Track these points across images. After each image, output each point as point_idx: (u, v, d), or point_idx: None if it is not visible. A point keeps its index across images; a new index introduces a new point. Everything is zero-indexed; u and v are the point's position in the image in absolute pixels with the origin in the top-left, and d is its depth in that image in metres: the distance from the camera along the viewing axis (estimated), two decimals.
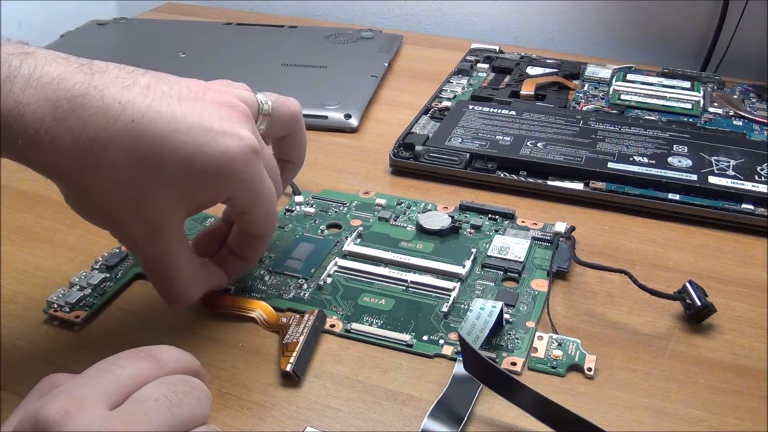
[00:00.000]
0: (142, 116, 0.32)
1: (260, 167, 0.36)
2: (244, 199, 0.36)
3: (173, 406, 0.27)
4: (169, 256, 0.36)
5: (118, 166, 0.32)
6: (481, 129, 0.57)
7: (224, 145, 0.34)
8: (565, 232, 0.46)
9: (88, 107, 0.31)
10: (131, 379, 0.27)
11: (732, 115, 0.63)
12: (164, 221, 0.34)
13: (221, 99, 0.35)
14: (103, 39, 0.79)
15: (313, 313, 0.39)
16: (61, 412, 0.25)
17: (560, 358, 0.37)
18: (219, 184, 0.34)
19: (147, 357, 0.29)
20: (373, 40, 0.78)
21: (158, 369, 0.28)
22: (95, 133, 0.31)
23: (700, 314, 0.40)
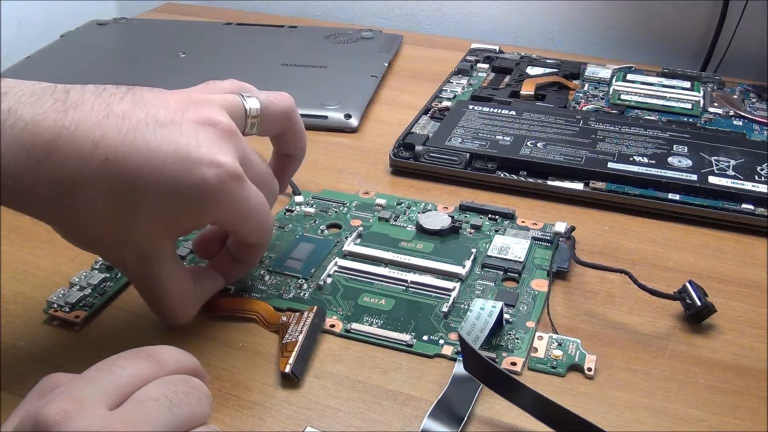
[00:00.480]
0: (116, 152, 0.32)
1: (243, 191, 0.35)
2: (231, 221, 0.36)
3: (173, 406, 0.27)
4: (160, 278, 0.36)
5: (97, 203, 0.32)
6: (481, 129, 0.57)
7: (201, 175, 0.33)
8: (565, 232, 0.46)
9: (61, 150, 0.31)
10: (131, 380, 0.27)
11: (732, 115, 0.63)
12: (151, 248, 0.35)
13: (202, 117, 0.34)
14: (103, 39, 0.79)
15: (312, 310, 0.39)
16: (61, 412, 0.25)
17: (560, 358, 0.37)
18: (201, 212, 0.34)
19: (147, 357, 0.29)
20: (373, 40, 0.78)
21: (158, 369, 0.28)
22: (71, 175, 0.31)
23: (700, 314, 0.40)
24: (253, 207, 0.36)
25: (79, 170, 0.31)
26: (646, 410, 0.35)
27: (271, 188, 0.39)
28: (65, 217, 0.33)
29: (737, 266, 0.45)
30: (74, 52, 0.75)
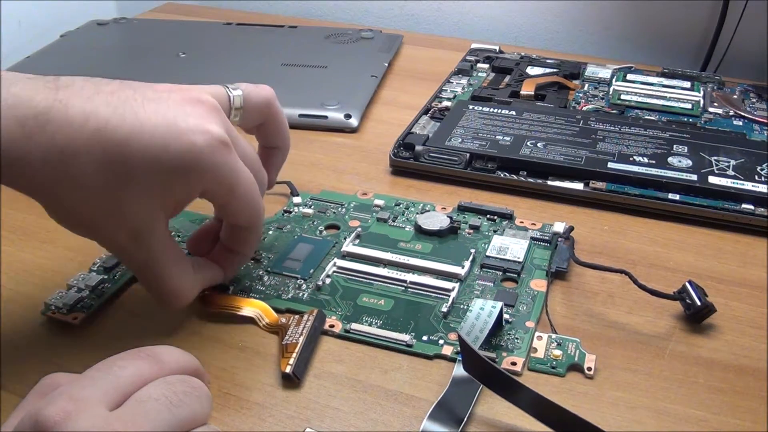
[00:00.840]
0: (106, 123, 0.32)
1: (231, 158, 0.36)
2: (220, 191, 0.36)
3: (173, 407, 0.27)
4: (157, 256, 0.36)
5: (89, 174, 0.33)
6: (481, 129, 0.57)
7: (190, 141, 0.34)
8: (564, 232, 0.46)
9: (53, 122, 0.32)
10: (132, 380, 0.27)
11: (732, 115, 0.63)
12: (144, 223, 0.35)
13: (189, 96, 0.35)
14: (103, 39, 0.79)
15: (312, 313, 0.39)
16: (61, 413, 0.25)
17: (560, 358, 0.37)
18: (190, 179, 0.35)
19: (147, 357, 0.29)
20: (373, 40, 0.78)
21: (159, 369, 0.28)
22: (63, 146, 0.32)
23: (700, 314, 0.40)
24: (242, 178, 0.36)
25: (71, 141, 0.32)
26: (646, 410, 0.35)
27: (259, 171, 0.39)
28: (57, 191, 0.33)
29: (737, 266, 0.45)
30: (74, 52, 0.75)
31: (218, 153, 0.34)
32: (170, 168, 0.34)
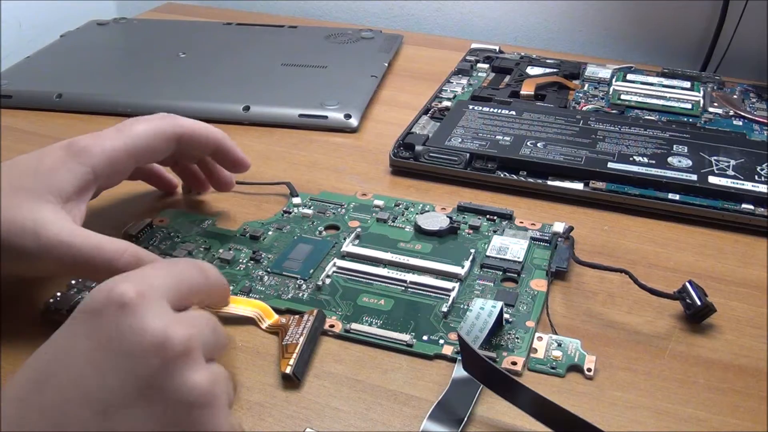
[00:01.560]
0: None
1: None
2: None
3: (215, 331, 0.31)
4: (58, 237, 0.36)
5: None
6: (481, 129, 0.57)
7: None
8: (564, 232, 0.46)
9: None
10: (189, 284, 0.32)
11: (732, 115, 0.63)
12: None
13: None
14: (103, 39, 0.79)
15: (312, 313, 0.39)
16: (135, 292, 0.28)
17: (560, 358, 0.37)
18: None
19: (200, 270, 0.33)
20: (373, 40, 0.78)
21: (205, 281, 0.33)
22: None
23: (700, 314, 0.40)
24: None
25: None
26: (646, 410, 0.35)
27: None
28: None
29: (737, 266, 0.45)
30: (74, 52, 0.75)
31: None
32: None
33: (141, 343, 0.27)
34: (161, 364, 0.27)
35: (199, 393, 0.28)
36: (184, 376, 0.27)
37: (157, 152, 0.42)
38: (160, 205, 0.50)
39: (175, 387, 0.27)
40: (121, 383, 0.27)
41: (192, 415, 0.28)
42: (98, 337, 0.28)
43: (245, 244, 0.45)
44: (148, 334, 0.27)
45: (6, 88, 0.65)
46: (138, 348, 0.27)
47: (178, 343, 0.28)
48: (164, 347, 0.27)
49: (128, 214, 0.48)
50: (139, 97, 0.64)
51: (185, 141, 0.43)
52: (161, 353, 0.27)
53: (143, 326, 0.27)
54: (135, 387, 0.27)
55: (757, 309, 0.41)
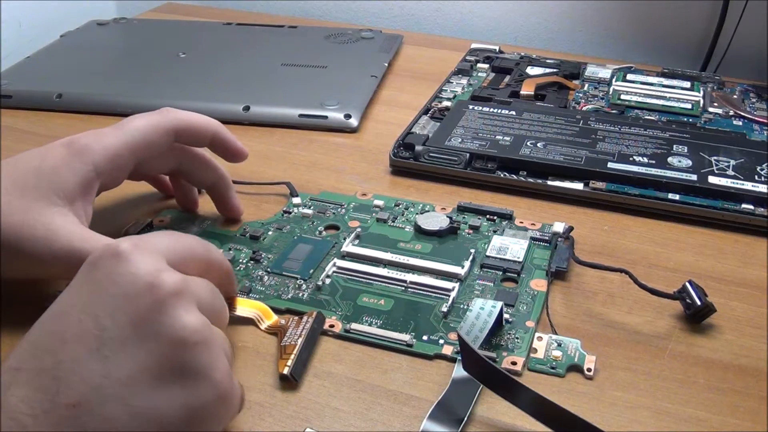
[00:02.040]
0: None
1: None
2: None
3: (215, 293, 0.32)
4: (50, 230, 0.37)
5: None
6: (481, 129, 0.57)
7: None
8: (564, 232, 0.46)
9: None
10: (189, 246, 0.33)
11: (732, 115, 0.63)
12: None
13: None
14: (103, 39, 0.79)
15: (311, 315, 0.39)
16: (133, 245, 0.29)
17: (560, 358, 0.37)
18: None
19: (203, 244, 0.35)
20: (373, 40, 0.78)
21: (206, 254, 0.35)
22: None
23: (700, 314, 0.40)
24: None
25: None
26: (646, 410, 0.35)
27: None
28: None
29: (737, 266, 0.45)
30: (74, 52, 0.75)
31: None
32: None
33: (134, 283, 0.28)
34: (153, 303, 0.28)
35: (191, 330, 0.28)
36: (175, 315, 0.28)
37: (155, 145, 0.42)
38: (161, 205, 0.50)
39: (168, 324, 0.28)
40: (114, 322, 0.27)
41: (185, 352, 0.28)
42: (92, 284, 0.29)
43: (245, 244, 0.45)
44: (140, 276, 0.28)
45: (6, 88, 0.65)
46: (131, 288, 0.28)
47: (170, 283, 0.28)
48: (155, 287, 0.28)
49: (129, 214, 0.48)
50: (139, 97, 0.64)
51: (182, 133, 0.43)
52: (153, 292, 0.28)
53: (136, 270, 0.28)
54: (128, 324, 0.27)
55: (757, 309, 0.41)
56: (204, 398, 0.28)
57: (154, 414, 0.27)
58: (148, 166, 0.44)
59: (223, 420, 0.30)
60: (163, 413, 0.27)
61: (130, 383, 0.27)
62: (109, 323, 0.27)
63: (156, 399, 0.27)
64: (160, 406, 0.27)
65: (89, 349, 0.27)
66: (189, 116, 0.44)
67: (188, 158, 0.45)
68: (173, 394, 0.27)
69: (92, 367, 0.27)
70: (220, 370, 0.29)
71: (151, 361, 0.27)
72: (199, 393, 0.28)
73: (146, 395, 0.27)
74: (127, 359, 0.27)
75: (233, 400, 0.30)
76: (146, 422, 0.27)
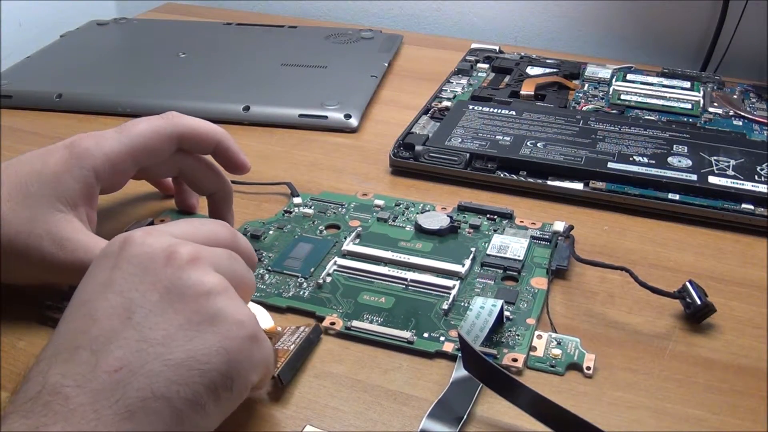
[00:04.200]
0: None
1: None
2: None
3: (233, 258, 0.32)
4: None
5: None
6: (481, 129, 0.57)
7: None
8: (564, 231, 0.46)
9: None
10: (207, 235, 0.33)
11: (732, 115, 0.63)
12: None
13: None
14: (103, 39, 0.79)
15: (310, 325, 0.38)
16: (145, 232, 0.31)
17: (559, 357, 0.37)
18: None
19: (224, 227, 0.34)
20: (373, 40, 0.78)
21: (232, 239, 0.34)
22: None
23: (700, 314, 0.40)
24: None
25: None
26: (646, 410, 0.35)
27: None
28: None
29: (737, 266, 0.45)
30: (74, 52, 0.75)
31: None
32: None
33: (151, 258, 0.29)
34: (173, 271, 0.29)
35: (212, 284, 0.29)
36: (196, 275, 0.29)
37: (157, 152, 0.42)
38: (162, 205, 0.50)
39: (190, 283, 0.29)
40: (140, 293, 0.29)
41: (210, 300, 0.29)
42: (110, 269, 0.30)
43: None
44: (156, 251, 0.30)
45: (6, 88, 0.65)
46: (149, 263, 0.29)
47: (185, 252, 0.30)
48: (172, 257, 0.29)
49: (130, 214, 0.48)
50: (139, 97, 0.64)
51: (186, 139, 0.43)
52: (171, 262, 0.29)
53: (151, 248, 0.30)
54: (153, 292, 0.29)
55: (757, 309, 0.41)
56: (235, 337, 0.29)
57: (193, 362, 0.28)
58: (150, 171, 0.44)
59: (258, 362, 0.30)
60: (201, 359, 0.28)
61: (165, 341, 0.28)
62: (136, 295, 0.29)
63: (192, 348, 0.28)
64: (197, 353, 0.28)
65: (121, 320, 0.28)
66: (194, 123, 0.43)
67: (192, 164, 0.45)
68: (207, 340, 0.28)
69: (127, 335, 0.28)
70: (243, 310, 0.30)
71: (182, 318, 0.29)
72: (230, 333, 0.29)
73: (183, 347, 0.28)
74: (159, 321, 0.28)
75: (261, 339, 0.31)
76: (187, 371, 0.28)
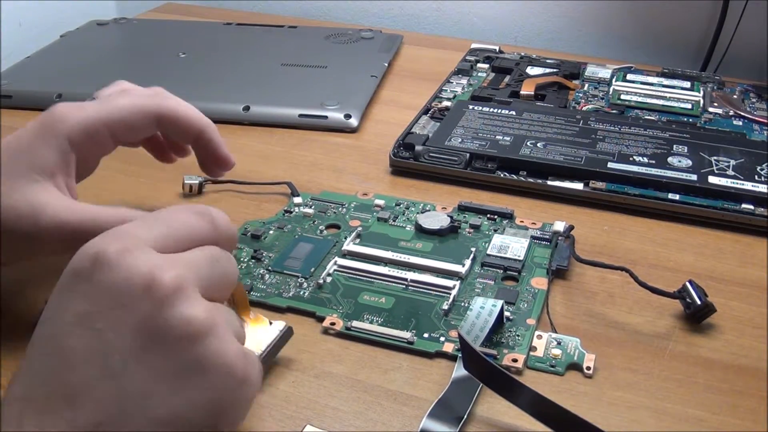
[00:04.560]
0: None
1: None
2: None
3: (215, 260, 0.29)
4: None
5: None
6: (481, 129, 0.57)
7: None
8: (564, 231, 0.46)
9: None
10: (184, 231, 0.29)
11: (732, 115, 0.63)
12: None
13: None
14: (103, 39, 0.79)
15: (283, 326, 0.36)
16: (119, 249, 0.27)
17: (559, 357, 0.37)
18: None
19: (202, 215, 0.30)
20: (373, 40, 0.78)
21: (212, 230, 0.30)
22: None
23: (700, 314, 0.40)
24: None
25: None
26: (646, 410, 0.35)
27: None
28: None
29: (737, 266, 0.45)
30: (74, 52, 0.75)
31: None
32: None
33: (129, 291, 0.26)
34: (152, 306, 0.26)
35: (197, 324, 0.26)
36: (177, 312, 0.26)
37: (136, 130, 0.40)
38: (161, 204, 0.50)
39: (171, 324, 0.26)
40: (117, 334, 0.26)
41: (195, 346, 0.26)
42: (83, 296, 0.26)
43: (246, 243, 0.45)
44: (133, 282, 0.26)
45: (6, 88, 0.65)
46: (126, 297, 0.26)
47: (167, 280, 0.26)
48: (151, 288, 0.26)
49: None
50: None
51: (165, 122, 0.41)
52: (150, 294, 0.26)
53: (128, 275, 0.26)
54: (132, 333, 0.26)
55: (757, 309, 0.41)
56: (224, 387, 0.27)
57: (178, 420, 0.26)
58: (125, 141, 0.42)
59: (247, 402, 0.29)
60: (188, 415, 0.26)
61: (148, 394, 0.26)
62: (112, 336, 0.26)
63: (177, 403, 0.26)
64: (184, 409, 0.26)
65: (98, 367, 0.25)
66: (178, 106, 0.41)
67: (166, 124, 0.42)
68: (193, 392, 0.26)
69: (106, 386, 0.25)
70: (232, 352, 0.27)
71: (164, 365, 0.26)
72: (218, 384, 0.27)
73: (167, 401, 0.26)
74: (139, 370, 0.26)
75: (251, 378, 0.28)
76: (173, 428, 0.26)
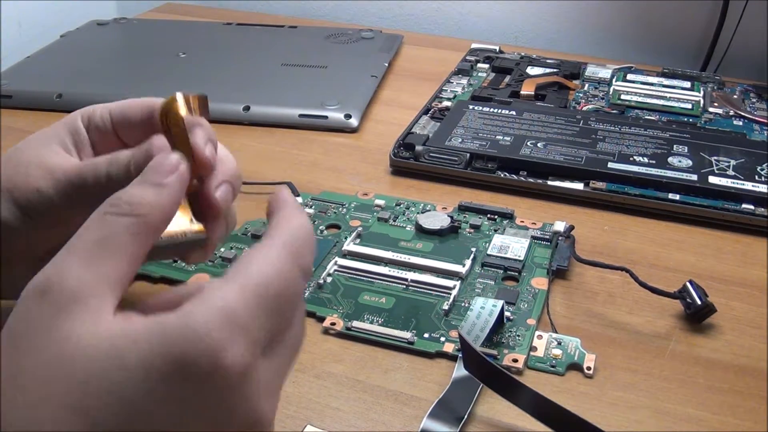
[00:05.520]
0: None
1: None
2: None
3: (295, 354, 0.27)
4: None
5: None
6: (481, 129, 0.57)
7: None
8: (564, 231, 0.46)
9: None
10: (289, 293, 0.25)
11: (732, 115, 0.63)
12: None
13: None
14: (103, 39, 0.79)
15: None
16: (243, 363, 0.23)
17: (560, 357, 0.37)
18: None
19: (306, 275, 0.26)
20: (373, 40, 0.78)
21: (295, 272, 0.26)
22: None
23: (701, 314, 0.40)
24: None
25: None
26: (646, 410, 0.35)
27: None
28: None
29: (737, 266, 0.45)
30: (74, 52, 0.75)
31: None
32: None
33: (246, 420, 0.24)
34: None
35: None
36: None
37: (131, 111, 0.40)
38: None
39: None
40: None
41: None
42: (183, 402, 0.22)
43: (247, 243, 0.45)
44: (242, 419, 0.24)
45: (6, 88, 0.65)
46: (243, 424, 0.24)
47: (266, 423, 0.24)
48: (260, 422, 0.24)
49: None
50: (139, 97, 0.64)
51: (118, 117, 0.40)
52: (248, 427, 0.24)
53: (245, 415, 0.24)
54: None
55: (757, 309, 0.41)
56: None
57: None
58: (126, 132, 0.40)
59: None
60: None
61: None
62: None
63: None
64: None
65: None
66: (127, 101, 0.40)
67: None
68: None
69: None
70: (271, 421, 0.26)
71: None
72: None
73: None
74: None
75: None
76: None
